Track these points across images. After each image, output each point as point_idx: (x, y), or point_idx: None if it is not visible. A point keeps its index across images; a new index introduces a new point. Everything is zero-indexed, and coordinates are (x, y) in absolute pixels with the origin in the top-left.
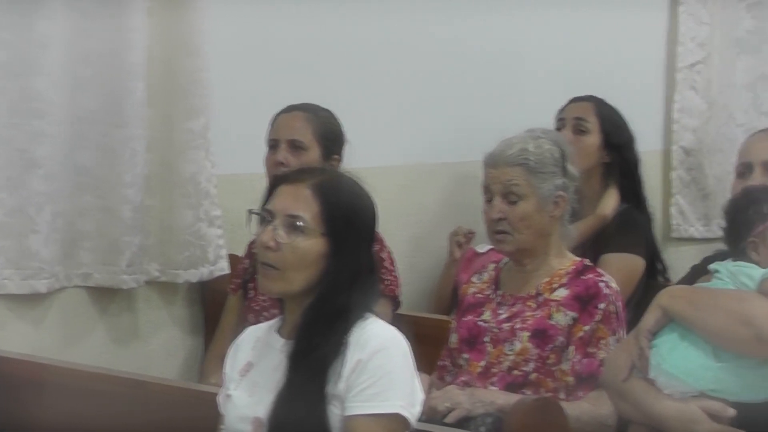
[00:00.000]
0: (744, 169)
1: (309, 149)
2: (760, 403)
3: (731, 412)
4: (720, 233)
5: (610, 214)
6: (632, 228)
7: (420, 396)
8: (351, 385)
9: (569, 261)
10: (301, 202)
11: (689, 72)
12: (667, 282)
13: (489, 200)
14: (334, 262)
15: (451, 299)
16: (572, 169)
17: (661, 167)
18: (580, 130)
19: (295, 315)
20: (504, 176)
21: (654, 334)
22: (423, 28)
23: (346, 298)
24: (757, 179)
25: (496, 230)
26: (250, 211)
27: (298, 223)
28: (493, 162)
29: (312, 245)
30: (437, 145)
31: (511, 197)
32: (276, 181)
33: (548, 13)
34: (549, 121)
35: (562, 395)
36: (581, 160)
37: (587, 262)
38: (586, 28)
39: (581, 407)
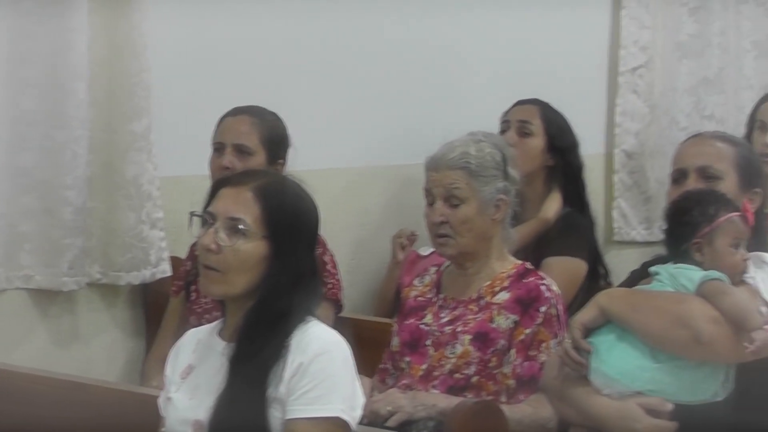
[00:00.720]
0: (679, 176)
1: (255, 154)
2: (697, 404)
3: (669, 406)
4: (662, 236)
5: (553, 217)
6: (575, 231)
7: (361, 399)
8: (292, 388)
9: (511, 264)
10: (243, 205)
11: (631, 76)
12: (608, 286)
13: (431, 203)
14: (276, 265)
15: (394, 302)
16: (513, 172)
17: (604, 171)
18: (524, 133)
19: (236, 318)
20: (446, 180)
21: (587, 329)
22: (367, 30)
23: (287, 301)
24: (691, 185)
25: (438, 233)
26: (192, 213)
27: (239, 226)
28: (434, 165)
29: (253, 248)
30: (380, 147)
31: (452, 200)
32: (218, 184)
33: (492, 16)
34: (493, 124)
35: (503, 398)
36: (525, 163)
37: (529, 265)
38: (530, 32)
39: (522, 410)
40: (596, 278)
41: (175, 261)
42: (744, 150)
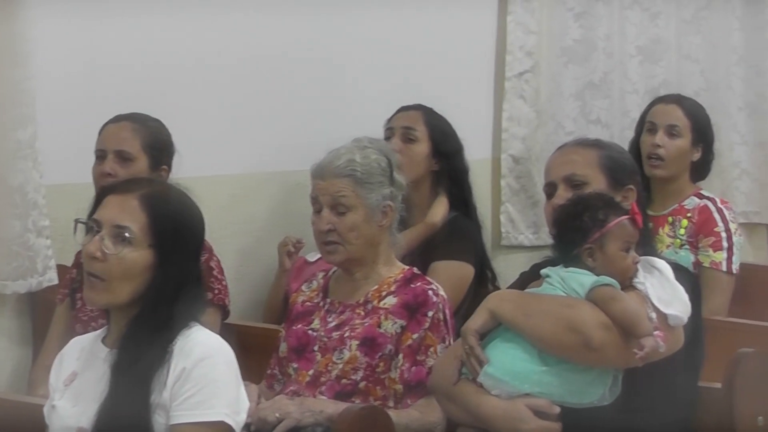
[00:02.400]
0: (549, 189)
1: (136, 160)
2: (584, 407)
3: (556, 408)
4: (550, 241)
5: (440, 222)
6: (461, 236)
7: (245, 404)
8: (175, 393)
9: (398, 269)
10: (128, 213)
11: (518, 81)
12: (496, 289)
13: (318, 211)
14: (160, 273)
15: (282, 309)
16: (400, 178)
17: (491, 175)
18: (408, 139)
19: (120, 325)
20: (332, 188)
21: (480, 334)
22: (252, 37)
23: (170, 308)
24: (561, 196)
25: (325, 241)
26: (77, 221)
27: (125, 234)
28: (320, 173)
29: (138, 256)
30: (267, 154)
31: (339, 208)
32: (103, 192)
33: (378, 21)
34: (380, 129)
35: (391, 403)
36: (410, 169)
37: (416, 270)
38: (416, 37)
39: (410, 415)
40: (484, 282)
41: (61, 269)
42: (608, 150)
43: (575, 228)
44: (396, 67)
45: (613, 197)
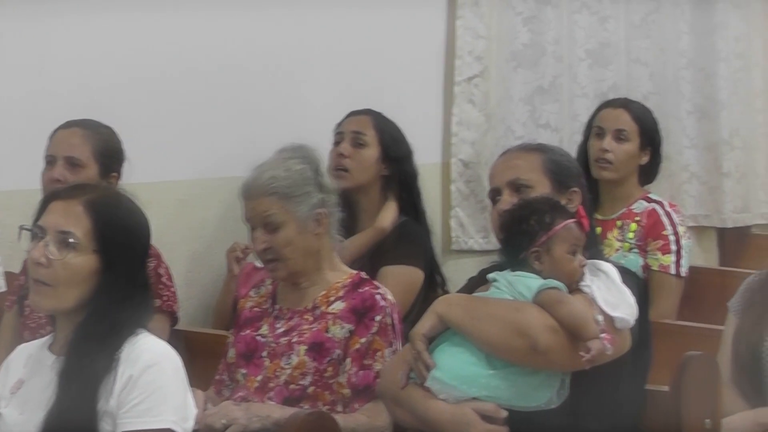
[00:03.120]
0: (494, 195)
1: (86, 166)
2: (532, 411)
3: (503, 412)
4: (498, 246)
5: (389, 226)
6: (411, 240)
7: (193, 411)
8: (122, 401)
9: (345, 274)
10: (73, 219)
11: (467, 85)
12: (446, 294)
13: (253, 229)
14: (106, 279)
15: (231, 315)
16: (328, 181)
17: (441, 180)
18: (358, 144)
19: (66, 332)
20: (260, 207)
21: (428, 338)
22: (200, 43)
23: (117, 315)
24: (506, 201)
25: (265, 259)
26: (22, 228)
27: (69, 240)
28: (247, 194)
29: (83, 262)
30: (216, 160)
31: (270, 226)
32: (48, 198)
33: (327, 26)
34: (329, 135)
35: (339, 408)
36: (360, 174)
37: (364, 274)
38: (365, 42)
39: (357, 419)
40: (433, 287)
41: (10, 276)
42: (552, 154)
43: (522, 232)
44: (345, 72)
45: (559, 201)
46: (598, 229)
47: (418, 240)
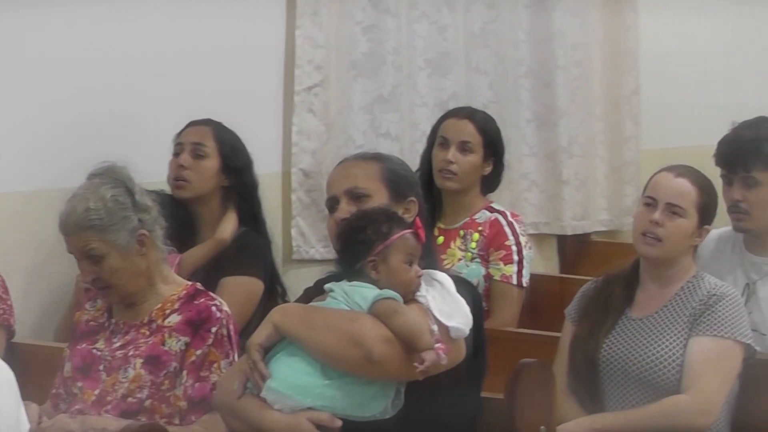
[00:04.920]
0: (332, 203)
1: None
2: (367, 420)
3: (338, 422)
4: (335, 256)
5: (229, 237)
6: (250, 251)
7: (26, 425)
8: None
9: (180, 286)
10: None
11: (307, 95)
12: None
13: (78, 261)
14: None
15: None
16: (143, 199)
17: (281, 189)
18: (198, 155)
19: None
20: (79, 243)
21: (265, 348)
22: (39, 52)
23: None
24: (344, 209)
25: (96, 288)
26: None
27: None
28: (64, 229)
29: None
30: (54, 170)
31: (94, 259)
32: None
33: (165, 36)
34: (168, 145)
35: (177, 420)
36: (199, 185)
37: (199, 285)
38: (204, 52)
39: (192, 431)
40: (274, 297)
41: None
42: (390, 163)
43: (359, 241)
44: (185, 82)
45: (396, 212)
46: (440, 239)
47: (258, 250)
